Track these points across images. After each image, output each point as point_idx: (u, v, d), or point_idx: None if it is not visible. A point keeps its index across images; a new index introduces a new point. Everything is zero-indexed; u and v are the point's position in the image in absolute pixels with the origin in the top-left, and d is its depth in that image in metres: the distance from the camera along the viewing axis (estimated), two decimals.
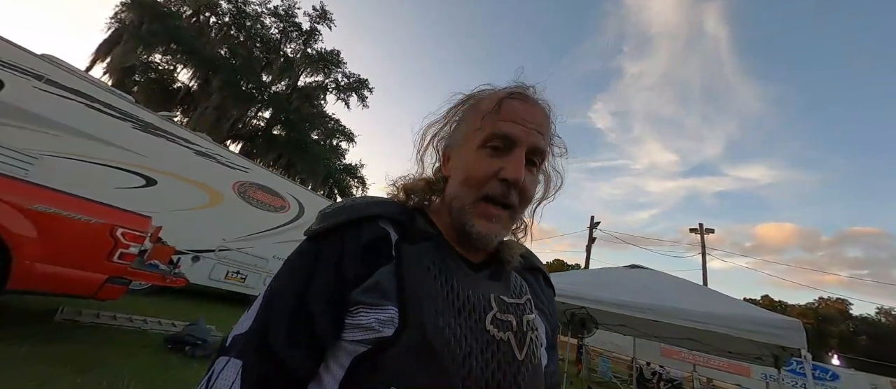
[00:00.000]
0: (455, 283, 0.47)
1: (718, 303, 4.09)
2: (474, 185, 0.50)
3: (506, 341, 0.45)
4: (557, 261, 63.89)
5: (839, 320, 46.79)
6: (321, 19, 21.26)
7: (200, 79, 17.90)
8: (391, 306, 0.43)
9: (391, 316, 0.42)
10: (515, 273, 0.57)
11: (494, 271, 0.54)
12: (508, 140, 0.49)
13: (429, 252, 0.49)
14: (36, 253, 2.76)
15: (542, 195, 0.59)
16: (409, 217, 0.53)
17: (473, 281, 0.49)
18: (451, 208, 0.52)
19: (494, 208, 0.50)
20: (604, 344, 16.18)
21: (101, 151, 5.19)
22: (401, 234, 0.50)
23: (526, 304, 0.52)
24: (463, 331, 0.43)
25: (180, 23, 16.81)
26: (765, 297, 52.76)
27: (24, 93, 4.49)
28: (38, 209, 2.79)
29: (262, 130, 20.68)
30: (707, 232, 15.23)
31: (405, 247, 0.48)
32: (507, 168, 0.48)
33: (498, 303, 0.48)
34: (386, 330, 0.41)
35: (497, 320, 0.46)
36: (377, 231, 0.49)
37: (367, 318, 0.42)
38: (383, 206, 0.52)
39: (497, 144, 0.50)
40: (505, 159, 0.49)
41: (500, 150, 0.50)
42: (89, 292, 3.10)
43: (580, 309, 5.26)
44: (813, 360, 3.20)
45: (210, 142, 6.85)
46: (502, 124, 0.49)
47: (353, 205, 0.51)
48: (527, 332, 0.48)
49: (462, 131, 0.55)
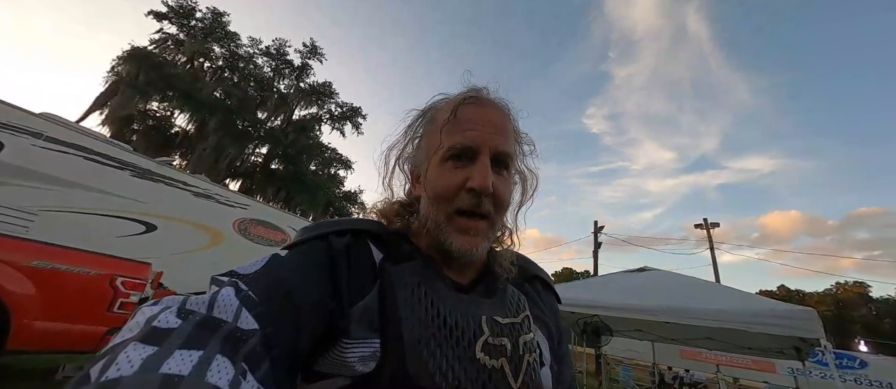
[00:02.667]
0: (441, 307, 0.44)
1: (730, 299, 4.00)
2: (444, 201, 0.48)
3: (498, 369, 0.42)
4: (566, 270, 63.01)
5: (860, 304, 45.64)
6: (312, 54, 21.91)
7: (197, 122, 18.26)
8: (375, 338, 0.40)
9: (374, 351, 0.40)
10: (512, 286, 0.53)
11: (488, 288, 0.51)
12: (469, 149, 0.47)
13: (414, 271, 0.46)
14: (35, 310, 2.73)
15: (520, 198, 0.57)
16: (393, 238, 0.51)
17: (463, 303, 0.46)
18: (428, 228, 0.50)
19: (470, 220, 0.48)
20: (622, 352, 15.71)
21: (101, 202, 5.22)
22: (385, 254, 0.48)
23: (523, 323, 0.48)
24: (450, 362, 0.40)
25: (175, 71, 17.30)
26: (781, 287, 51.70)
27: (23, 151, 4.57)
28: (36, 266, 2.78)
29: (259, 166, 20.90)
30: (713, 227, 15.08)
31: (389, 267, 0.46)
32: (473, 177, 0.46)
33: (490, 326, 0.45)
34: (367, 366, 0.39)
35: (488, 345, 0.43)
36: (362, 245, 0.47)
37: (351, 354, 0.40)
38: (365, 223, 0.51)
39: (459, 154, 0.48)
40: (469, 169, 0.47)
41: (463, 160, 0.48)
42: (90, 346, 3.04)
43: (593, 318, 5.15)
44: (838, 348, 3.11)
45: (208, 183, 6.90)
46: (461, 134, 0.48)
47: (335, 221, 0.50)
48: (523, 355, 0.45)
49: (424, 148, 0.53)
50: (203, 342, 0.29)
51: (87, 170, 5.12)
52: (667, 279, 5.16)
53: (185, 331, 0.30)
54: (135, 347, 0.27)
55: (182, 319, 0.31)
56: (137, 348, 0.27)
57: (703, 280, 5.79)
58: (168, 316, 0.31)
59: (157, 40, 18.02)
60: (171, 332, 0.29)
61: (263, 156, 21.16)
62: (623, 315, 4.21)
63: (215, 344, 0.29)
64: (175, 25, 18.26)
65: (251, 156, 20.98)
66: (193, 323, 0.31)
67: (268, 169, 20.78)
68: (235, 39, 19.98)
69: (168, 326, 0.30)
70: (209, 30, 18.96)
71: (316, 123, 22.64)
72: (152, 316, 0.31)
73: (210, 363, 0.27)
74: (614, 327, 5.48)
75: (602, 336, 5.56)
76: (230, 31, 19.69)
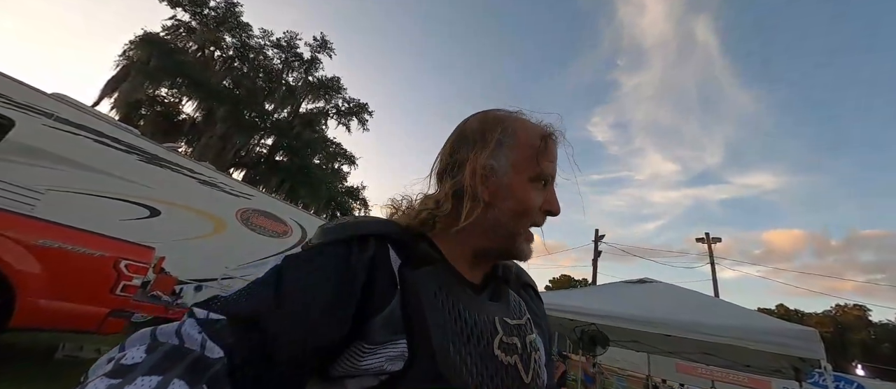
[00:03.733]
0: (462, 308, 0.47)
1: (731, 315, 3.98)
2: (527, 216, 0.54)
3: (513, 365, 0.46)
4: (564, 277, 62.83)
5: (859, 327, 45.23)
6: (322, 49, 21.95)
7: (205, 110, 18.36)
8: (401, 339, 0.42)
9: (402, 351, 0.41)
10: (511, 291, 0.59)
11: (494, 291, 0.55)
12: (549, 178, 0.56)
13: (434, 276, 0.48)
14: (40, 288, 2.76)
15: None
16: (412, 240, 0.51)
17: (478, 304, 0.50)
18: (495, 231, 0.52)
19: (531, 234, 0.55)
20: (618, 362, 15.66)
21: (107, 184, 5.26)
22: (404, 258, 0.49)
23: (526, 325, 0.54)
24: (473, 359, 0.44)
25: (186, 58, 17.40)
26: (780, 306, 51.30)
27: (34, 130, 4.61)
28: (42, 244, 2.81)
29: (264, 157, 20.98)
30: (714, 242, 15.00)
31: (408, 273, 0.47)
32: (552, 203, 0.56)
33: (502, 326, 0.49)
34: (396, 365, 0.41)
35: (504, 344, 0.47)
36: (382, 250, 0.48)
37: (378, 359, 0.41)
38: (386, 226, 0.51)
39: (544, 180, 0.56)
40: (543, 193, 0.55)
41: (540, 184, 0.55)
42: (93, 327, 3.07)
43: (590, 326, 5.13)
44: (836, 371, 3.08)
45: (214, 171, 6.94)
46: (548, 164, 0.56)
47: (357, 222, 0.50)
48: (531, 353, 0.50)
49: (507, 159, 0.54)
50: (165, 369, 0.31)
51: (95, 152, 5.16)
52: (666, 291, 5.14)
53: (149, 362, 0.31)
54: (101, 380, 0.29)
55: (148, 353, 0.33)
56: (104, 381, 0.29)
57: (704, 294, 5.76)
58: (135, 353, 0.32)
59: (169, 27, 18.14)
60: (137, 366, 0.31)
61: (268, 148, 21.23)
62: (621, 325, 4.19)
63: (177, 370, 0.31)
64: (188, 13, 18.38)
65: (256, 146, 21.07)
66: (160, 354, 0.33)
67: (272, 160, 20.85)
68: (247, 30, 20.08)
69: (133, 362, 0.31)
70: (222, 19, 19.05)
71: (322, 117, 22.70)
72: (121, 355, 0.33)
73: (167, 386, 0.29)
74: (611, 336, 5.46)
75: (599, 345, 5.55)
76: (242, 21, 19.79)
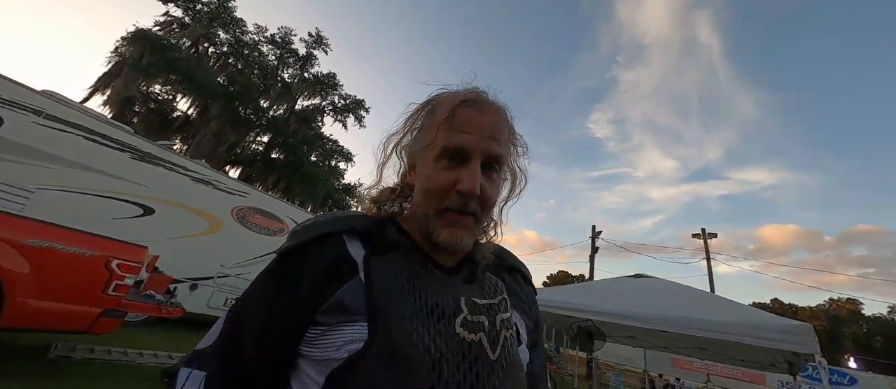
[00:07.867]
0: (423, 290, 0.48)
1: (726, 310, 4.00)
2: (434, 198, 0.51)
3: (477, 342, 0.46)
4: (561, 273, 63.22)
5: (851, 321, 45.87)
6: (317, 44, 21.78)
7: (199, 106, 18.17)
8: (360, 320, 0.44)
9: (360, 330, 0.43)
10: (490, 273, 0.58)
11: (469, 273, 0.55)
12: (463, 152, 0.49)
13: (396, 262, 0.50)
14: (29, 288, 2.71)
15: (508, 194, 0.60)
16: (379, 228, 0.54)
17: (444, 285, 0.50)
18: (418, 217, 0.54)
19: (458, 216, 0.50)
20: (614, 358, 15.80)
21: (100, 183, 5.19)
22: (371, 248, 0.51)
23: (500, 304, 0.53)
24: (432, 336, 0.44)
25: (179, 54, 17.19)
26: (774, 301, 51.94)
27: (23, 128, 4.53)
28: (31, 244, 2.76)
29: (260, 154, 20.84)
30: (710, 237, 15.11)
31: (373, 261, 0.50)
32: (463, 180, 0.48)
33: (468, 306, 0.49)
34: (356, 344, 0.43)
35: (467, 322, 0.47)
36: (341, 248, 0.50)
37: (337, 338, 0.44)
38: (351, 221, 0.54)
39: (452, 155, 0.50)
40: (460, 171, 0.49)
41: (455, 162, 0.50)
42: (84, 327, 3.03)
43: (586, 322, 5.15)
44: (829, 364, 3.11)
45: (208, 169, 6.86)
46: (455, 136, 0.50)
47: (321, 222, 0.52)
48: (500, 331, 0.49)
49: (422, 140, 0.55)
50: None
51: (86, 149, 5.08)
52: (662, 287, 5.16)
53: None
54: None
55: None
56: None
57: (699, 290, 5.79)
58: None
59: (162, 22, 17.91)
60: None
61: (264, 145, 21.08)
62: (617, 321, 4.20)
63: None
64: (181, 8, 18.13)
65: (252, 143, 20.91)
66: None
67: (268, 157, 20.71)
68: (241, 25, 19.86)
69: None
70: (215, 14, 18.83)
71: (319, 114, 22.54)
72: None
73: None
74: (607, 332, 5.48)
75: (595, 341, 5.57)
76: (236, 17, 19.57)
